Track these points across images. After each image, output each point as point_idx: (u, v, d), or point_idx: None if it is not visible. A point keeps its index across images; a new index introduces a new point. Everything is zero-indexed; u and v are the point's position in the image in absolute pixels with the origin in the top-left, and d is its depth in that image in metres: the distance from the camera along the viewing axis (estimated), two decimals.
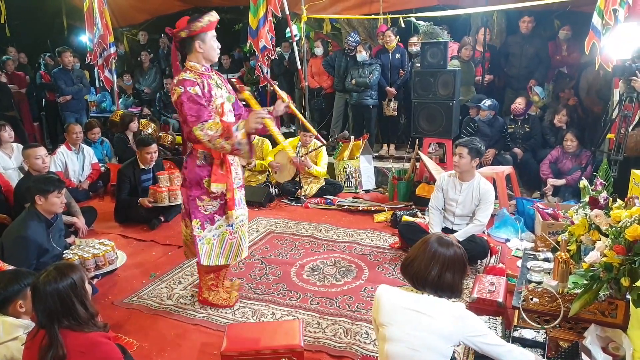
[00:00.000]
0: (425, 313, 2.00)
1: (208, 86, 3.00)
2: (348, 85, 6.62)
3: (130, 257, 4.17)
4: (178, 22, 3.02)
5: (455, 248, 2.10)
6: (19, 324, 2.40)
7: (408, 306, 2.04)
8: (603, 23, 4.59)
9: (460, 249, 2.12)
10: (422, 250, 2.09)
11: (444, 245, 2.09)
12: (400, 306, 2.06)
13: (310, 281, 3.80)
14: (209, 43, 3.03)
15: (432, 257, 2.05)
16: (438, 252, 2.05)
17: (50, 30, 10.03)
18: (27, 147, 4.73)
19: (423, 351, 1.98)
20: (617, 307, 2.54)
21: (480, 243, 3.91)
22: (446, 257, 2.05)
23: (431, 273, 2.03)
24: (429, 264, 2.04)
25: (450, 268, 2.04)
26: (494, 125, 5.88)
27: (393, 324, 2.04)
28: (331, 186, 5.96)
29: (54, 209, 3.61)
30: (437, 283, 2.03)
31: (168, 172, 5.18)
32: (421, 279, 2.05)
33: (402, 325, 2.02)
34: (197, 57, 3.04)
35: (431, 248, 2.07)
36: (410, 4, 7.01)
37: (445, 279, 2.03)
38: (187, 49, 3.05)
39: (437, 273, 2.03)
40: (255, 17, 6.23)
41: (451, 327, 1.98)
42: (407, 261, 2.12)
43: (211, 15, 3.02)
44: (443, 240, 2.11)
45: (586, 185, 3.11)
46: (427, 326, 1.99)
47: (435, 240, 2.11)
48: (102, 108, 8.86)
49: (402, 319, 2.03)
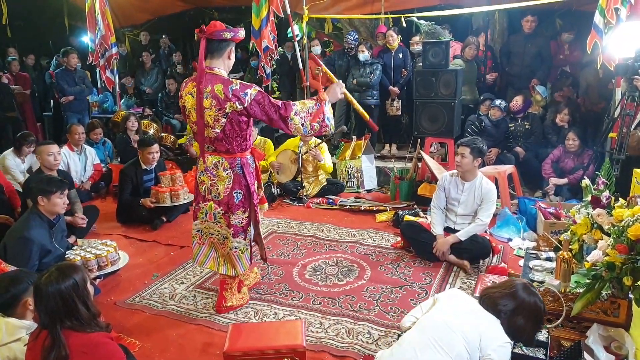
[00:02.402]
0: (483, 317, 2.12)
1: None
2: (349, 85, 6.61)
3: (133, 257, 4.18)
4: (215, 23, 2.90)
5: (537, 299, 2.19)
6: (22, 325, 2.40)
7: (472, 308, 2.18)
8: (605, 22, 4.58)
9: (542, 302, 2.20)
10: (506, 287, 2.21)
11: (528, 292, 2.19)
12: (465, 303, 2.22)
13: (312, 281, 3.80)
14: (233, 54, 3.05)
15: (511, 295, 2.16)
16: (520, 295, 2.16)
17: (52, 30, 10.06)
18: (40, 143, 4.87)
19: (456, 334, 2.05)
20: (620, 307, 2.54)
21: (483, 242, 3.91)
22: (525, 302, 2.15)
23: (505, 306, 2.14)
24: (504, 298, 2.16)
25: (525, 314, 2.14)
26: (500, 126, 5.89)
27: (450, 304, 2.20)
28: (333, 186, 5.96)
29: (56, 210, 3.62)
30: (508, 319, 2.13)
31: (170, 173, 5.19)
32: (492, 305, 2.16)
33: (455, 307, 2.17)
34: (224, 63, 2.99)
35: (514, 288, 2.19)
36: (412, 3, 7.01)
37: (516, 320, 2.13)
38: (217, 52, 2.95)
39: (510, 310, 2.14)
40: (258, 17, 6.23)
41: (487, 343, 2.04)
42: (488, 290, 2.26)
43: (243, 30, 3.01)
44: (528, 288, 2.22)
45: (588, 184, 3.10)
46: (474, 325, 2.08)
47: (520, 284, 2.22)
48: (104, 108, 8.88)
49: (460, 307, 2.18)
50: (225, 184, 3.07)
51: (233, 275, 3.27)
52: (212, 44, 2.92)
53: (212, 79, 2.91)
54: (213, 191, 3.11)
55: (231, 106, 2.87)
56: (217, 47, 2.93)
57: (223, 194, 3.08)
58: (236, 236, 3.15)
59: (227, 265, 3.23)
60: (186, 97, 3.03)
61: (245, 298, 3.46)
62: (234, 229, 3.13)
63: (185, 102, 3.04)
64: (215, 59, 2.96)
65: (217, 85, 2.88)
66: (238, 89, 2.88)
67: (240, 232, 3.17)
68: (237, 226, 3.14)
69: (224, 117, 2.91)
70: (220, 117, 2.90)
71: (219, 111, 2.89)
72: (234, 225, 3.13)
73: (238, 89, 2.88)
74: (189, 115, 3.06)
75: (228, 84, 2.88)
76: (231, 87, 2.87)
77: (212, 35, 2.87)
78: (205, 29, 2.90)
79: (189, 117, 3.06)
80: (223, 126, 2.94)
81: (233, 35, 2.91)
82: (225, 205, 3.10)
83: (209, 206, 3.14)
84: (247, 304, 3.45)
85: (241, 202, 3.12)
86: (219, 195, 3.10)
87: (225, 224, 3.14)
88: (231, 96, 2.86)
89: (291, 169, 5.97)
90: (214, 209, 3.13)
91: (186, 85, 3.05)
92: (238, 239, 3.16)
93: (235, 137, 3.00)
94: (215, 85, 2.88)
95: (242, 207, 3.13)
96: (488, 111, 5.96)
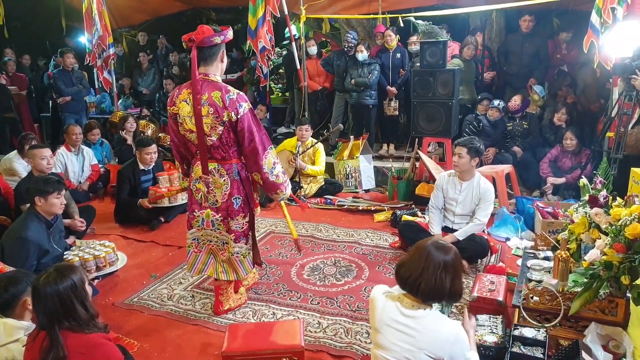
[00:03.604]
0: (415, 329, 1.99)
1: None
2: (347, 85, 6.61)
3: (131, 258, 4.18)
4: (202, 29, 2.85)
5: (453, 253, 2.04)
6: (20, 325, 2.40)
7: (397, 319, 2.02)
8: (602, 21, 4.59)
9: (454, 251, 2.06)
10: (417, 256, 2.03)
11: (441, 249, 2.04)
12: (390, 317, 2.04)
13: (310, 281, 3.80)
14: (225, 56, 3.02)
15: (428, 263, 1.99)
16: (435, 258, 1.99)
17: (49, 31, 10.03)
18: (32, 147, 4.74)
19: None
20: (617, 305, 2.55)
21: (480, 242, 3.91)
22: (441, 262, 1.99)
23: (430, 279, 1.97)
24: (428, 271, 1.98)
25: (449, 272, 1.99)
26: (498, 126, 5.90)
27: (383, 333, 2.04)
28: (331, 186, 5.95)
29: (54, 210, 3.61)
30: (434, 289, 1.98)
31: (168, 173, 5.18)
32: (415, 285, 2.00)
33: (390, 336, 2.02)
34: (218, 68, 2.96)
35: (427, 253, 2.01)
36: (409, 3, 7.01)
37: (444, 284, 1.98)
38: (210, 58, 2.90)
39: (436, 279, 1.97)
40: (254, 17, 6.21)
41: (440, 349, 1.97)
42: (401, 266, 2.08)
43: (231, 29, 2.97)
44: (440, 245, 2.06)
45: (586, 183, 3.11)
46: (415, 342, 1.98)
47: (432, 244, 2.05)
48: (101, 109, 8.87)
49: (391, 329, 2.02)
50: (222, 190, 3.04)
51: (235, 279, 3.26)
52: (203, 51, 2.87)
53: (209, 86, 2.87)
54: (210, 198, 3.08)
55: (227, 115, 2.85)
56: (209, 53, 2.89)
57: (221, 200, 3.06)
58: (238, 241, 3.14)
59: (228, 270, 3.21)
60: (180, 104, 2.96)
61: (243, 298, 3.46)
62: (235, 234, 3.12)
63: (180, 109, 2.96)
64: (209, 65, 2.92)
65: (214, 93, 2.84)
66: (235, 99, 2.85)
67: (242, 236, 3.16)
68: (238, 231, 3.13)
69: (221, 125, 2.88)
70: (217, 124, 2.87)
71: (216, 119, 2.86)
72: (235, 231, 3.12)
73: (235, 99, 2.85)
74: (182, 123, 2.98)
75: (226, 92, 2.85)
76: (229, 95, 2.85)
77: (203, 42, 2.83)
78: (194, 37, 2.83)
79: (182, 125, 2.98)
80: (220, 134, 2.90)
81: (223, 39, 2.88)
82: (225, 212, 3.08)
83: (205, 214, 3.11)
84: (245, 304, 3.44)
85: (241, 207, 3.10)
86: (216, 202, 3.07)
87: (224, 230, 3.12)
88: (228, 105, 2.83)
89: (289, 170, 5.96)
90: (211, 216, 3.10)
91: (180, 92, 2.98)
92: (239, 243, 3.15)
93: (232, 144, 2.98)
94: (213, 93, 2.84)
95: (242, 212, 3.12)
96: (486, 111, 5.96)
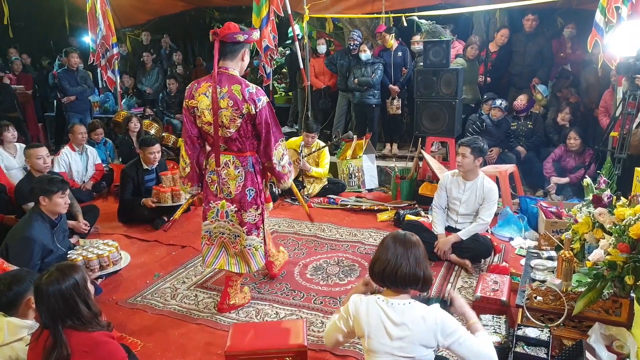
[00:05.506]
0: (405, 323, 1.98)
1: None
2: (351, 85, 6.61)
3: (134, 257, 4.17)
4: (229, 25, 2.90)
5: (415, 241, 2.06)
6: (24, 324, 2.40)
7: (383, 317, 2.02)
8: (606, 21, 4.58)
9: (417, 239, 2.08)
10: (385, 249, 2.05)
11: (401, 237, 2.06)
12: (377, 316, 2.03)
13: (313, 280, 3.80)
14: (247, 56, 3.05)
15: (397, 251, 2.02)
16: (401, 245, 2.03)
17: (53, 31, 10.07)
18: (29, 146, 4.77)
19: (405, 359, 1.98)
20: (621, 306, 2.54)
21: (484, 242, 3.91)
22: (408, 248, 2.02)
23: (405, 265, 1.99)
24: (394, 262, 2.00)
25: (419, 256, 2.02)
26: (502, 126, 5.89)
27: (373, 337, 2.03)
28: (334, 185, 5.95)
29: (58, 210, 3.62)
30: (411, 272, 1.99)
31: (171, 172, 5.19)
32: (393, 274, 2.01)
33: (380, 338, 2.01)
34: (238, 65, 3.01)
35: (390, 246, 2.04)
36: (412, 2, 6.98)
37: (419, 266, 2.01)
38: (231, 54, 2.95)
39: (409, 262, 2.00)
40: (258, 17, 6.22)
41: (429, 333, 1.96)
42: (374, 264, 2.09)
43: (258, 31, 3.02)
44: (399, 235, 2.09)
45: (590, 183, 3.10)
46: (404, 336, 1.97)
47: (391, 237, 2.08)
48: (105, 108, 8.89)
49: (381, 330, 2.01)
50: (236, 182, 3.09)
51: (247, 272, 3.28)
52: (225, 46, 2.93)
53: (228, 79, 2.93)
54: (225, 189, 3.13)
55: (247, 107, 2.90)
56: (230, 49, 2.94)
57: (235, 192, 3.11)
58: (250, 234, 3.17)
59: (240, 263, 3.24)
60: (199, 97, 2.98)
61: (247, 297, 3.47)
62: (247, 227, 3.15)
63: (199, 102, 2.99)
64: (229, 60, 2.97)
65: (234, 86, 2.90)
66: (254, 93, 2.91)
67: (254, 229, 3.18)
68: (251, 223, 3.16)
69: (240, 118, 2.93)
70: (236, 117, 2.92)
71: (236, 111, 2.91)
72: (247, 223, 3.15)
73: (254, 93, 2.91)
74: (200, 115, 3.01)
75: (245, 86, 2.92)
76: (248, 89, 2.91)
77: (226, 37, 2.88)
78: (219, 31, 2.89)
79: (201, 117, 3.01)
80: (239, 127, 2.96)
81: (247, 38, 2.92)
82: (238, 203, 3.13)
83: (221, 205, 3.16)
84: (248, 303, 3.45)
85: (254, 199, 3.14)
86: (230, 193, 3.12)
87: (237, 222, 3.17)
88: (248, 98, 2.89)
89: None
90: (226, 207, 3.15)
91: (199, 86, 3.01)
92: (252, 236, 3.18)
93: (250, 137, 3.03)
94: (233, 86, 2.90)
95: (254, 205, 3.15)
96: (490, 111, 5.95)
